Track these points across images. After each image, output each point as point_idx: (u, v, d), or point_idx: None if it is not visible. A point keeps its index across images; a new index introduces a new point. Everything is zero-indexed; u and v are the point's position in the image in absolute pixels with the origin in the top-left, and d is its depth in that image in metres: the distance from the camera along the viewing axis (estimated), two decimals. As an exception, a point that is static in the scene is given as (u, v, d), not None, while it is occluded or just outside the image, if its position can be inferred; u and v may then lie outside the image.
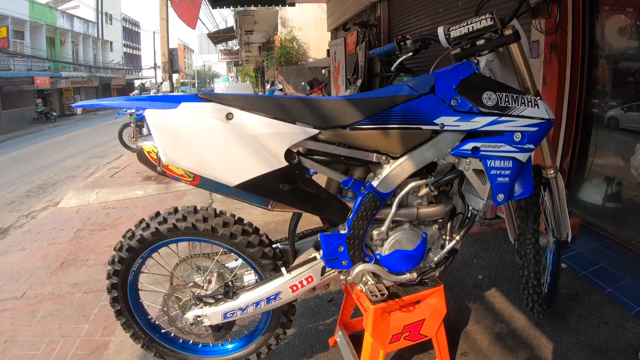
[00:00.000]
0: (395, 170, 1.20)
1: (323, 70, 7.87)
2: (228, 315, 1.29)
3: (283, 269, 1.28)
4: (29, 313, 2.39)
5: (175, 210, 1.26)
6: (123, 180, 5.44)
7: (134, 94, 8.39)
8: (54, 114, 20.79)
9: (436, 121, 1.18)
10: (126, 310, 1.39)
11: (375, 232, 1.25)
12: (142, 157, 1.10)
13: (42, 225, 4.24)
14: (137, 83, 33.16)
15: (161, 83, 9.58)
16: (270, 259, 1.29)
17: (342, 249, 1.22)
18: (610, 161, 2.80)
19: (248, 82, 22.27)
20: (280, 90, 7.34)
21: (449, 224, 1.35)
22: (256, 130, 1.07)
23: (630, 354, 1.61)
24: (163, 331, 1.48)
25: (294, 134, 1.09)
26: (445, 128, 1.19)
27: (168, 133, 1.03)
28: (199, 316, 1.30)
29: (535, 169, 1.59)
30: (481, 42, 1.27)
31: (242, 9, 10.53)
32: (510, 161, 1.25)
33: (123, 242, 1.28)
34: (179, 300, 1.33)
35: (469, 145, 1.22)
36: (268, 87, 8.66)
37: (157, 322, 1.49)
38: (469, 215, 1.36)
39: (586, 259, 2.39)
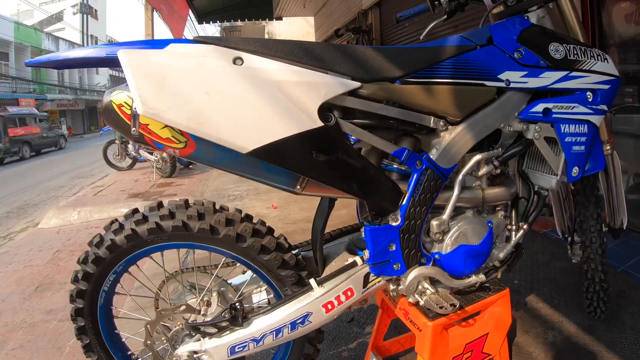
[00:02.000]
0: (456, 138, 0.89)
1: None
2: (237, 350, 0.90)
3: (312, 282, 0.92)
4: None
5: (159, 205, 0.90)
6: (107, 199, 5.07)
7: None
8: (40, 136, 20.10)
9: (500, 77, 0.94)
10: (98, 344, 1.01)
11: (435, 223, 0.91)
12: (110, 115, 0.73)
13: (20, 247, 3.87)
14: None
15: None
16: (292, 268, 0.93)
17: (394, 247, 0.88)
18: (629, 152, 2.61)
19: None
20: None
21: (513, 211, 1.06)
22: (278, 77, 0.73)
23: (694, 348, 1.40)
24: (148, 372, 1.09)
25: (329, 85, 0.76)
26: (512, 85, 0.94)
27: (150, 73, 0.68)
28: (195, 352, 0.91)
29: None
30: None
31: (228, 24, 10.36)
32: (586, 125, 1.04)
33: (89, 251, 0.91)
34: (167, 330, 0.95)
35: (540, 107, 0.99)
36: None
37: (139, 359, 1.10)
38: (535, 198, 1.08)
39: (619, 253, 2.20)
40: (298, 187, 0.83)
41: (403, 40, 5.06)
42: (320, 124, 0.75)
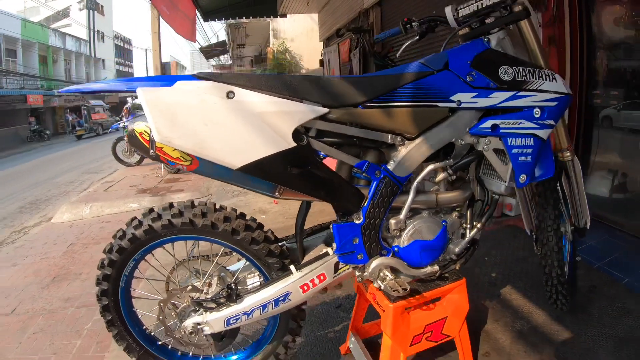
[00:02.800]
0: (411, 151, 1.09)
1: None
2: (231, 322, 1.14)
3: (292, 267, 1.14)
4: (19, 330, 2.28)
5: (171, 205, 1.13)
6: (117, 194, 5.33)
7: (127, 107, 8.37)
8: (48, 132, 20.54)
9: (452, 98, 1.11)
10: (118, 320, 1.25)
11: (393, 222, 1.13)
12: (133, 140, 0.97)
13: (35, 241, 4.14)
14: (129, 100, 33.43)
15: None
16: (277, 257, 1.16)
17: (357, 240, 1.10)
18: (615, 152, 2.75)
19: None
20: None
21: (468, 212, 1.25)
22: (261, 108, 0.95)
23: (658, 342, 1.52)
24: (160, 343, 1.33)
25: (302, 112, 0.98)
26: (462, 105, 1.12)
27: (163, 110, 0.90)
28: (198, 324, 1.15)
29: None
30: (490, 19, 1.21)
31: (234, 21, 10.55)
32: (532, 138, 1.18)
33: (113, 242, 1.15)
34: (176, 307, 1.19)
35: (488, 123, 1.14)
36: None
37: (152, 333, 1.34)
38: (489, 201, 1.27)
39: (599, 250, 2.33)
40: (277, 193, 1.06)
41: (403, 39, 5.22)
42: (293, 144, 0.96)
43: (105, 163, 9.89)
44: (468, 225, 1.25)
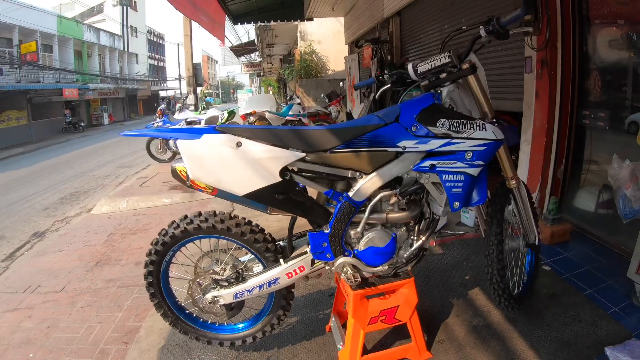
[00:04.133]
0: (366, 183, 1.53)
1: (341, 83, 8.28)
2: (238, 296, 1.67)
3: (281, 260, 1.65)
4: (69, 304, 2.77)
5: (199, 214, 1.66)
6: (151, 189, 5.84)
7: (161, 109, 9.11)
8: (82, 124, 21.94)
9: (399, 144, 1.48)
10: (159, 293, 1.77)
11: (352, 232, 1.60)
12: (175, 175, 1.50)
13: (77, 230, 4.68)
14: (162, 93, 34.84)
15: (186, 97, 10.25)
16: (272, 252, 1.66)
17: (326, 244, 1.58)
18: (602, 169, 2.90)
19: (271, 93, 23.05)
20: (299, 104, 7.77)
21: (416, 227, 1.65)
22: (258, 155, 1.45)
23: (599, 349, 1.77)
24: (187, 312, 1.87)
25: (287, 157, 1.46)
26: (407, 150, 1.48)
27: (194, 158, 1.43)
28: (215, 296, 1.69)
29: (501, 181, 1.90)
30: (444, 75, 1.55)
31: (262, 24, 11.06)
32: (462, 175, 1.52)
33: (158, 238, 1.68)
34: (200, 285, 1.72)
35: (427, 163, 1.51)
36: (288, 100, 9.19)
37: (182, 304, 1.88)
38: (432, 219, 1.66)
39: (572, 262, 2.55)
40: (269, 210, 1.56)
41: (420, 49, 5.57)
42: (279, 179, 1.46)
43: (138, 157, 10.45)
44: (415, 237, 1.65)
